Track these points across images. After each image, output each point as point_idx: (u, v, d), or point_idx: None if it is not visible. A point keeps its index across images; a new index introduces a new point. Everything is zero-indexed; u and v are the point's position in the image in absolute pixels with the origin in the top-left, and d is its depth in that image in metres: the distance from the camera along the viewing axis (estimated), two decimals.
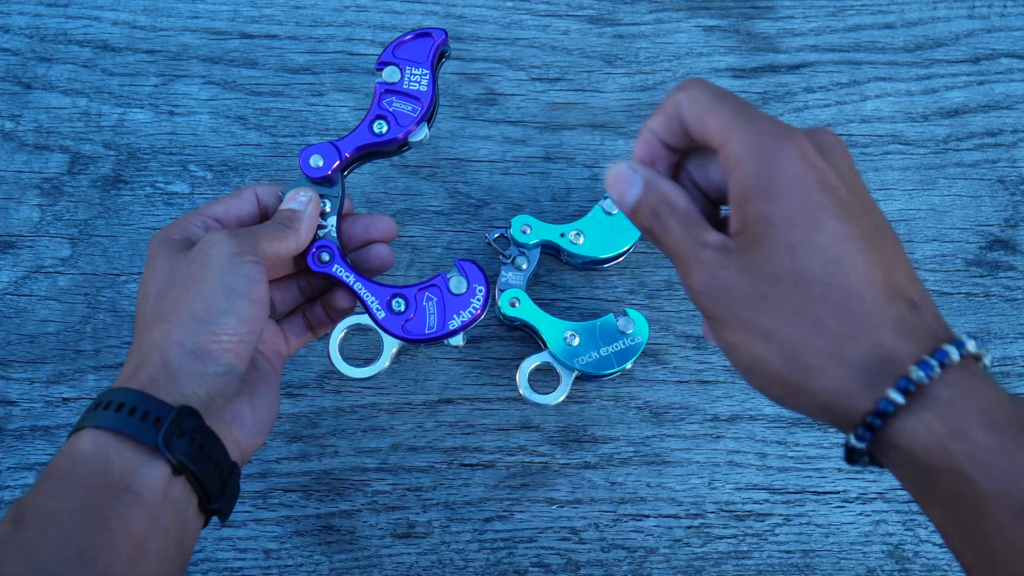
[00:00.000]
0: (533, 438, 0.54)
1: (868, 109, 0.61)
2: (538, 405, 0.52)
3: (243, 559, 0.51)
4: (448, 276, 0.46)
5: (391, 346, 0.51)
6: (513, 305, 0.53)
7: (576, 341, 0.52)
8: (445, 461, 0.54)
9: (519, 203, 0.58)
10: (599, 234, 0.54)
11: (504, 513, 0.53)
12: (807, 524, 0.53)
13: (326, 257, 0.46)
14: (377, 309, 0.46)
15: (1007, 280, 0.58)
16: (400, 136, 0.46)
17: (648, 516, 0.53)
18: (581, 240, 0.54)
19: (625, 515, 0.53)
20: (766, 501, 0.53)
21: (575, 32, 0.62)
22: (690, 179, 0.38)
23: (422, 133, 0.47)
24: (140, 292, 0.41)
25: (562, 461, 0.54)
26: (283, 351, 0.47)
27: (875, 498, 0.53)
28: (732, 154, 0.33)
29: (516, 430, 0.54)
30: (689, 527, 0.53)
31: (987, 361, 0.32)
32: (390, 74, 0.46)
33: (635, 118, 0.60)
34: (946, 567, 0.52)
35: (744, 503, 0.53)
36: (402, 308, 0.45)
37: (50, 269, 0.56)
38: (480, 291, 0.46)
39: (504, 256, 0.54)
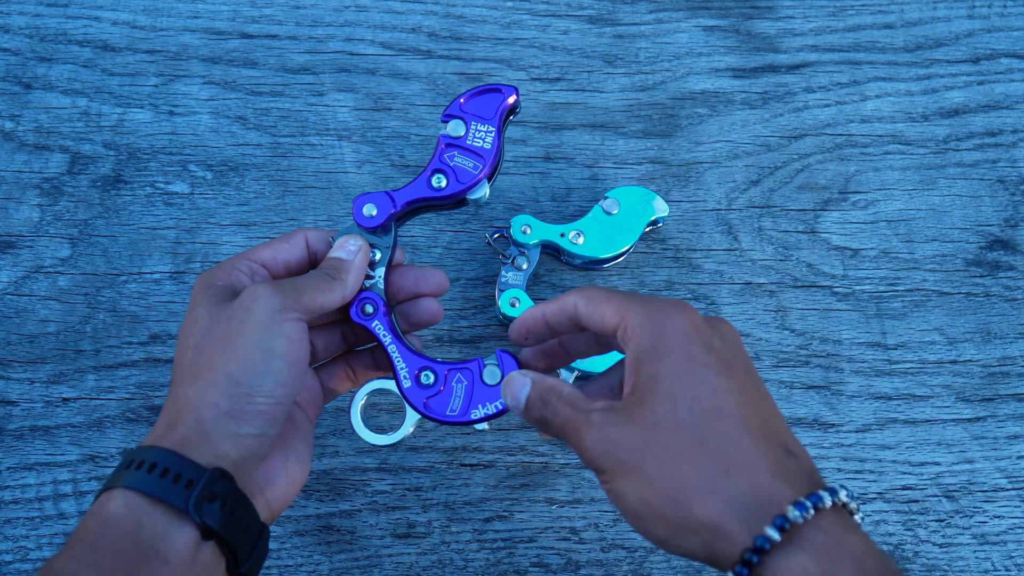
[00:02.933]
0: (533, 438, 0.54)
1: (868, 109, 0.61)
2: None
3: None
4: (485, 364, 0.44)
5: (415, 415, 0.46)
6: (513, 305, 0.53)
7: None
8: (445, 461, 0.54)
9: (519, 203, 0.58)
10: (599, 234, 0.54)
11: (504, 513, 0.53)
12: None
13: (370, 309, 0.44)
14: (404, 377, 0.44)
15: (1007, 280, 0.58)
16: (459, 192, 0.45)
17: None
18: (581, 240, 0.54)
19: None
20: None
21: (575, 32, 0.62)
22: (564, 347, 0.45)
23: (482, 191, 0.45)
24: (179, 340, 0.40)
25: (562, 461, 0.54)
26: (319, 401, 0.46)
27: (875, 498, 0.53)
28: (629, 327, 0.37)
29: (516, 430, 0.54)
30: None
31: (858, 517, 0.35)
32: (455, 128, 0.45)
33: (635, 118, 0.60)
34: (946, 567, 0.52)
35: None
36: (430, 382, 0.44)
37: (50, 269, 0.56)
38: None
39: (504, 256, 0.54)
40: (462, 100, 0.45)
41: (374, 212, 0.44)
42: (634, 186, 0.56)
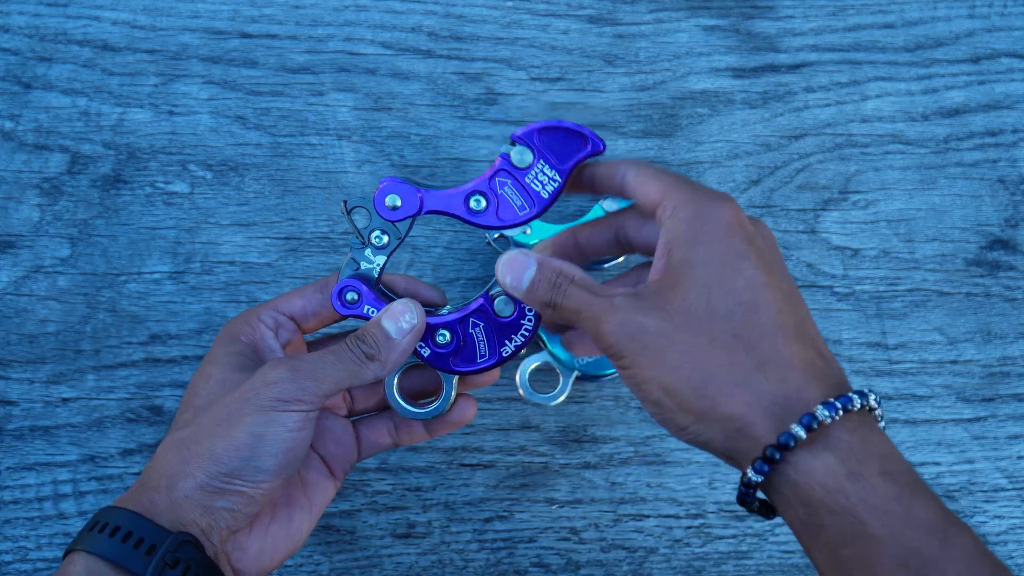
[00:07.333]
0: (533, 438, 0.54)
1: (868, 109, 0.61)
2: (538, 405, 0.52)
3: None
4: (491, 295, 0.42)
5: (451, 377, 0.44)
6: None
7: None
8: (445, 461, 0.54)
9: None
10: None
11: (504, 513, 0.53)
12: None
13: (353, 297, 0.41)
14: (421, 347, 0.42)
15: (1007, 280, 0.58)
16: (492, 227, 0.42)
17: (648, 516, 0.53)
18: None
19: (625, 515, 0.53)
20: None
21: (575, 32, 0.62)
22: (625, 237, 0.42)
23: (518, 232, 0.43)
24: (187, 390, 0.40)
25: (562, 461, 0.54)
26: (351, 456, 0.44)
27: None
28: (670, 206, 0.36)
29: (516, 430, 0.54)
30: (689, 527, 0.53)
31: (882, 423, 0.34)
32: (520, 157, 0.41)
33: (635, 118, 0.60)
34: None
35: None
36: (447, 340, 0.42)
37: (50, 269, 0.56)
38: (530, 311, 0.42)
39: None
40: (538, 131, 0.42)
41: (397, 204, 0.42)
42: None
